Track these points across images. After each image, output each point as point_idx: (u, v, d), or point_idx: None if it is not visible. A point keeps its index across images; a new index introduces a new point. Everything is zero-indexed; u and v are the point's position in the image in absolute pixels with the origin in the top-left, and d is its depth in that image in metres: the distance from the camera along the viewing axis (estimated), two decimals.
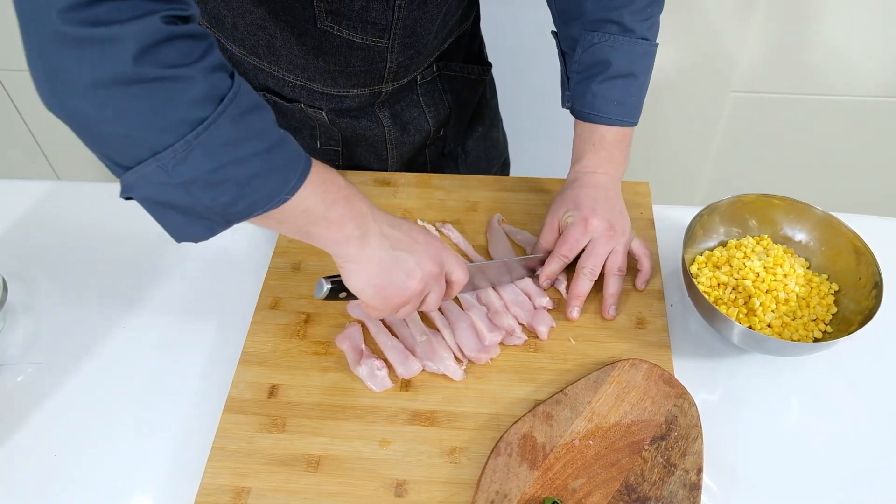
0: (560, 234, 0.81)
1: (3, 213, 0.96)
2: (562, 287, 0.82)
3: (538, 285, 0.81)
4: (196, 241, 0.57)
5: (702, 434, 0.68)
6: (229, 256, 0.90)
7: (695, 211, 0.80)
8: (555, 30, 0.88)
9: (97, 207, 0.97)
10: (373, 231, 0.63)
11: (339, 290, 0.67)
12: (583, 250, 0.80)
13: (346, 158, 1.01)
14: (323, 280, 0.67)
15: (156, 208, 0.55)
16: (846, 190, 1.77)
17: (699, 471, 0.66)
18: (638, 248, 0.82)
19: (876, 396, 0.75)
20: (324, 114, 0.93)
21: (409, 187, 0.95)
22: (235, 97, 0.52)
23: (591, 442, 0.68)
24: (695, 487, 0.65)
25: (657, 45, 0.83)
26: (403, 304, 0.66)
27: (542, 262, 0.82)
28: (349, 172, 0.98)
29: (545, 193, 0.94)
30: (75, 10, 0.45)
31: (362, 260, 0.63)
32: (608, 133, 0.82)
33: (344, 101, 0.92)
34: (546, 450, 0.67)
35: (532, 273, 0.83)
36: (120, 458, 0.71)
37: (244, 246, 0.91)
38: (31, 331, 0.82)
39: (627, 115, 0.82)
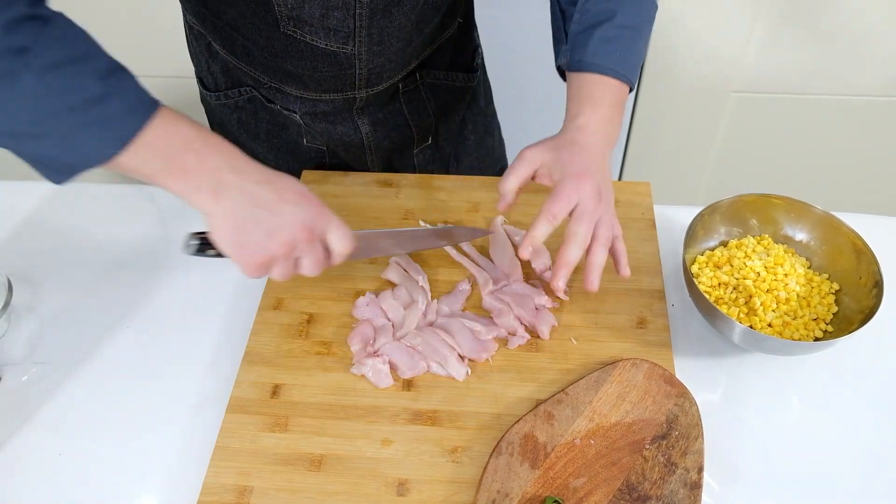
0: (528, 186, 0.76)
1: (7, 214, 0.97)
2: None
3: (519, 255, 0.72)
4: (56, 184, 0.59)
5: (703, 433, 0.68)
6: None
7: (695, 211, 0.80)
8: None
9: (101, 209, 0.98)
10: (229, 184, 0.61)
11: (207, 246, 0.66)
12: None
13: (332, 157, 1.01)
14: (190, 235, 0.66)
15: (11, 151, 0.57)
16: (846, 189, 1.77)
17: (700, 469, 0.66)
18: (613, 228, 0.74)
19: (876, 395, 0.75)
20: (298, 117, 0.93)
21: (411, 188, 0.96)
22: (40, 49, 0.52)
23: (592, 441, 0.68)
24: (696, 486, 0.65)
25: (657, 5, 0.81)
26: (267, 263, 0.63)
27: (451, 235, 0.78)
28: (350, 174, 0.98)
29: (546, 194, 0.93)
30: None
31: (217, 213, 0.61)
32: (608, 89, 0.76)
33: (318, 106, 0.91)
34: (547, 449, 0.67)
35: (442, 242, 0.79)
36: (124, 457, 0.72)
37: None
38: (36, 331, 0.83)
39: (629, 70, 0.76)
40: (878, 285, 0.74)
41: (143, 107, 0.57)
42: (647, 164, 1.79)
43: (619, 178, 1.84)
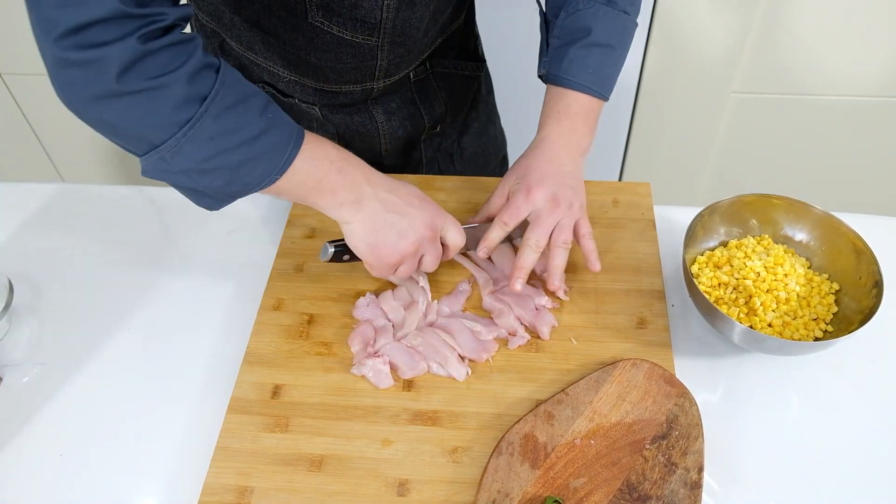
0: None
1: (8, 215, 0.97)
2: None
3: (478, 255, 0.80)
4: (210, 210, 0.66)
5: (703, 433, 0.68)
6: (233, 258, 0.90)
7: (695, 211, 0.80)
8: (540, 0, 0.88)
9: (101, 209, 0.98)
10: (367, 195, 0.69)
11: (342, 252, 0.74)
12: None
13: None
14: (327, 244, 0.75)
15: (172, 184, 0.63)
16: (846, 189, 1.77)
17: (700, 469, 0.66)
18: (580, 227, 0.79)
19: (876, 395, 0.75)
20: (317, 109, 0.94)
21: None
22: (217, 96, 0.58)
23: (592, 441, 0.68)
24: (696, 486, 0.65)
25: (637, 23, 0.84)
26: (398, 262, 0.72)
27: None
28: None
29: None
30: (67, 37, 0.52)
31: (357, 221, 0.69)
32: (575, 102, 0.81)
33: (336, 98, 0.92)
34: (547, 449, 0.67)
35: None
36: (125, 457, 0.72)
37: (247, 248, 0.92)
38: (37, 332, 0.83)
39: (599, 85, 0.81)
40: (878, 285, 0.74)
41: (295, 134, 0.64)
42: (647, 164, 1.79)
43: (620, 179, 1.84)
